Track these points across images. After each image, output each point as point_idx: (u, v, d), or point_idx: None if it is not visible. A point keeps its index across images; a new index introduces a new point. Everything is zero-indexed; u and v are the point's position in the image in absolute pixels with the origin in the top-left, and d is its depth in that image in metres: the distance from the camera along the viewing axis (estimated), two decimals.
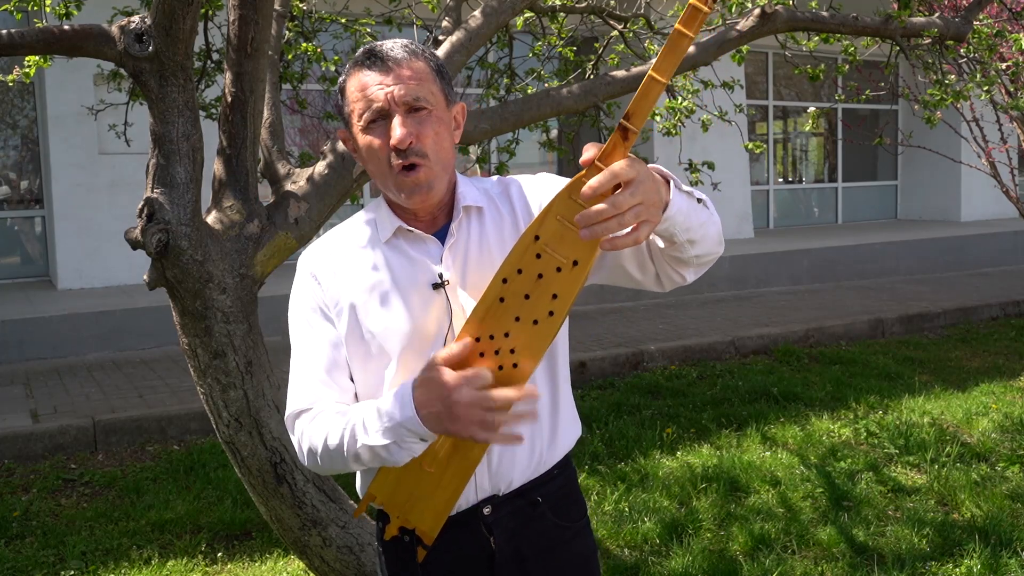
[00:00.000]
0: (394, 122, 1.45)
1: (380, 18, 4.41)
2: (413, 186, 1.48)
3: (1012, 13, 5.08)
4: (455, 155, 1.58)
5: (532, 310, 1.40)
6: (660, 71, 1.28)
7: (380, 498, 1.55)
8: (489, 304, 1.42)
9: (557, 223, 1.38)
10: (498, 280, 1.42)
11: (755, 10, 3.51)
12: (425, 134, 1.47)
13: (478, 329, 1.42)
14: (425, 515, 1.53)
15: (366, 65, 1.48)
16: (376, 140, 1.48)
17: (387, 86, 1.46)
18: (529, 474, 1.58)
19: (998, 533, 3.54)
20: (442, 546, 1.56)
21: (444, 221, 1.56)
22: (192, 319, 2.40)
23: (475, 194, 1.58)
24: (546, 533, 1.61)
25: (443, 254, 1.53)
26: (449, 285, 1.51)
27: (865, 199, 14.15)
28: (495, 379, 1.40)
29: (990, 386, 5.76)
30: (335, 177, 2.73)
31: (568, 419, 1.65)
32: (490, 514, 1.57)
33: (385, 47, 1.49)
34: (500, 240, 1.55)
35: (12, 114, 9.11)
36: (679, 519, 3.79)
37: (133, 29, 2.14)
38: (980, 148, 7.96)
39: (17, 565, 3.54)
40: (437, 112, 1.49)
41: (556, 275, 1.39)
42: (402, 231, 1.55)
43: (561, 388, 1.62)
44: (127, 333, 7.02)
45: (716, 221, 1.45)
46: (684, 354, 6.70)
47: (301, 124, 10.00)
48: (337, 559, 2.63)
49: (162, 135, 2.23)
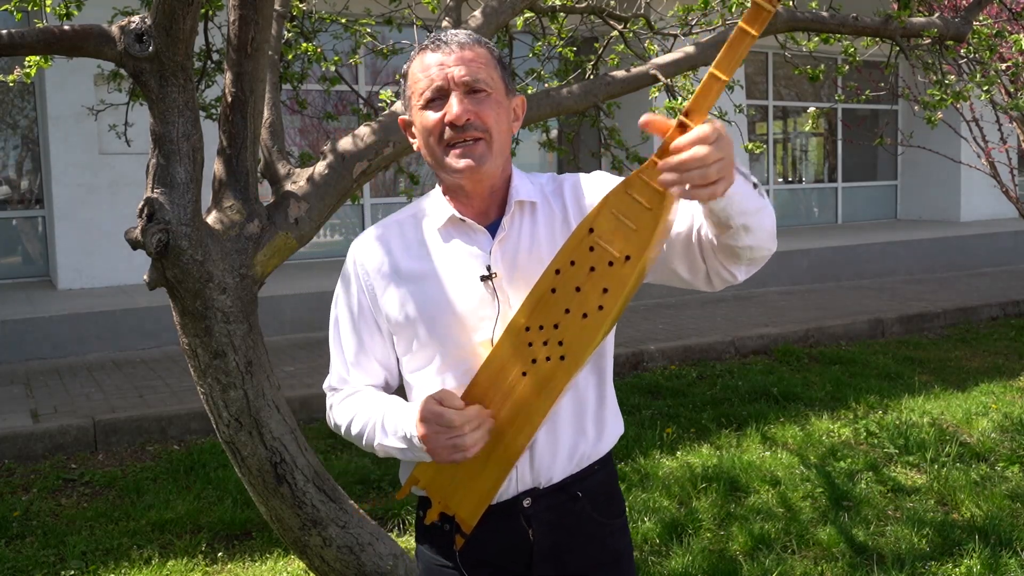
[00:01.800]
0: (451, 99, 1.47)
1: (380, 18, 4.41)
2: (467, 156, 1.48)
3: (1012, 13, 5.08)
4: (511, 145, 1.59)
5: (582, 303, 1.41)
6: (721, 69, 1.27)
7: (423, 481, 1.56)
8: (540, 294, 1.43)
9: (612, 217, 1.39)
10: (551, 271, 1.43)
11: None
12: (485, 112, 1.48)
13: (528, 319, 1.43)
14: (465, 502, 1.54)
15: (430, 48, 1.51)
16: (433, 115, 1.49)
17: (448, 66, 1.48)
18: (571, 468, 1.59)
19: (998, 533, 3.54)
20: (481, 536, 1.57)
21: (497, 215, 1.57)
22: (192, 319, 2.40)
23: (529, 189, 1.58)
24: (585, 528, 1.61)
25: (493, 247, 1.54)
26: (497, 278, 1.52)
27: (865, 199, 14.15)
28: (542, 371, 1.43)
29: (990, 386, 5.76)
30: (335, 177, 2.73)
31: (612, 415, 1.65)
32: (530, 506, 1.57)
33: (450, 33, 1.52)
34: (551, 237, 1.56)
35: (12, 114, 9.11)
36: (679, 519, 3.79)
37: (133, 29, 2.14)
38: (980, 148, 7.96)
39: (17, 565, 3.54)
40: (496, 96, 1.51)
41: (608, 269, 1.39)
42: (454, 220, 1.56)
43: (607, 384, 1.63)
44: (127, 333, 7.02)
45: (771, 213, 1.43)
46: (684, 354, 6.70)
47: (301, 124, 10.01)
48: (337, 559, 2.63)
49: (162, 135, 2.23)
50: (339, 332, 1.65)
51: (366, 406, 1.57)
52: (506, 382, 1.46)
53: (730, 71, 1.27)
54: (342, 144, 2.79)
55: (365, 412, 1.57)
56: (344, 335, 1.64)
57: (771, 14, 1.25)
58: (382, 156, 2.81)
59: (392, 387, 1.67)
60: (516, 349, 1.44)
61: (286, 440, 2.56)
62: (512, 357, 1.45)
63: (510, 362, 1.45)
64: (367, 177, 2.83)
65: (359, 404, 1.59)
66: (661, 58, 3.49)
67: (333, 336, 1.66)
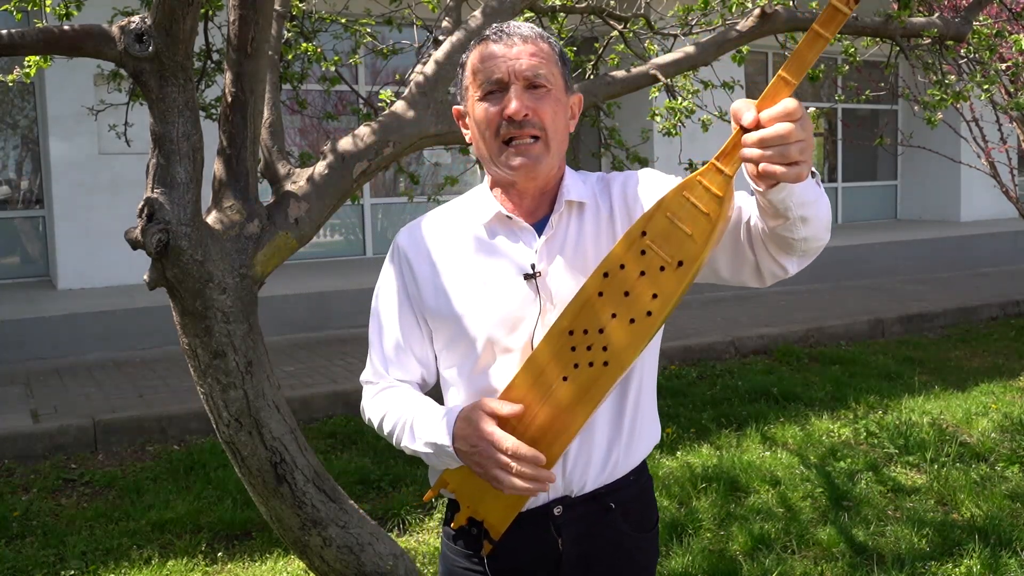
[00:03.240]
0: (511, 92, 1.44)
1: (380, 18, 4.41)
2: (523, 155, 1.45)
3: (1012, 13, 5.08)
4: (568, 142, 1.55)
5: (631, 308, 1.36)
6: (791, 72, 1.22)
7: (452, 484, 1.53)
8: (587, 297, 1.39)
9: (666, 221, 1.34)
10: (599, 273, 1.38)
11: (755, 10, 3.51)
12: (543, 110, 1.45)
13: (572, 322, 1.39)
14: (495, 508, 1.50)
15: (492, 40, 1.48)
16: (490, 108, 1.46)
17: (510, 59, 1.45)
18: (604, 478, 1.55)
19: (998, 533, 3.54)
20: (509, 543, 1.54)
21: (545, 212, 1.54)
22: (192, 319, 2.40)
23: (580, 189, 1.55)
24: (615, 540, 1.58)
25: (540, 245, 1.51)
26: (541, 277, 1.49)
27: (865, 199, 14.15)
28: (583, 376, 1.39)
29: (990, 386, 5.76)
30: (335, 177, 2.73)
31: (647, 423, 1.61)
32: (560, 515, 1.54)
33: (513, 25, 1.49)
34: (596, 237, 1.53)
35: (12, 114, 9.11)
36: (679, 519, 3.79)
37: (133, 29, 2.14)
38: (980, 148, 7.96)
39: (17, 565, 3.54)
40: (556, 93, 1.48)
41: (659, 274, 1.35)
42: (500, 217, 1.53)
43: (644, 391, 1.59)
44: (127, 333, 7.02)
45: (827, 203, 1.35)
46: (684, 354, 6.70)
47: (301, 124, 10.01)
48: (337, 559, 2.63)
49: (162, 135, 2.23)
50: (380, 324, 1.61)
51: (398, 405, 1.55)
52: (545, 386, 1.41)
53: (799, 75, 1.22)
54: (342, 144, 2.79)
55: (396, 411, 1.54)
56: (385, 328, 1.60)
57: (846, 17, 1.20)
58: (382, 156, 2.81)
59: (428, 385, 1.64)
60: (558, 353, 1.40)
61: (286, 440, 2.56)
62: (553, 361, 1.41)
63: (551, 366, 1.41)
64: (367, 177, 2.82)
65: (391, 402, 1.56)
66: (661, 58, 3.49)
67: (373, 328, 1.62)
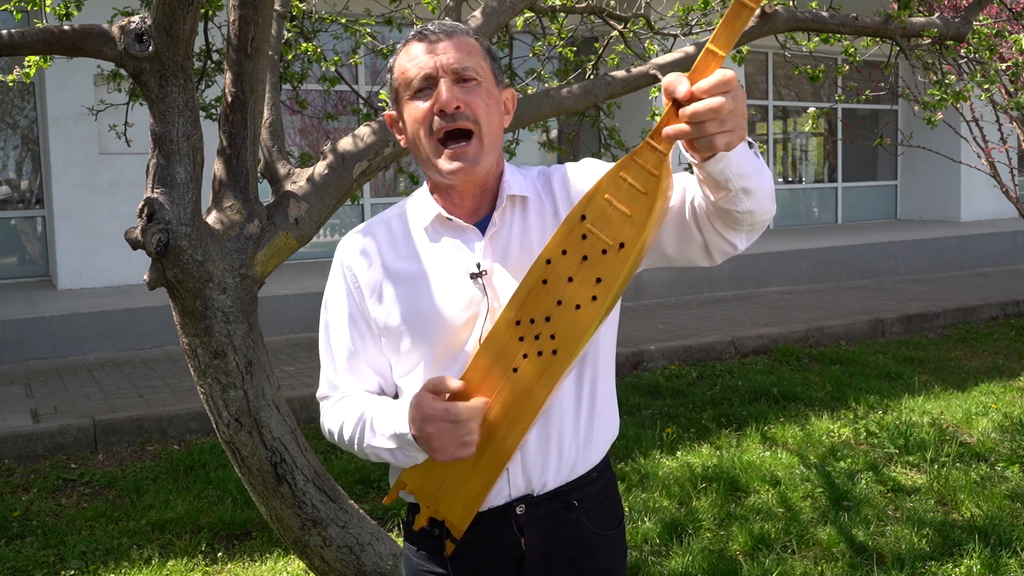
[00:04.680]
0: (441, 85, 1.42)
1: (380, 18, 4.41)
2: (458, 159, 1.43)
3: (1012, 13, 5.08)
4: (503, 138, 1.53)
5: (575, 294, 1.34)
6: (719, 44, 1.20)
7: (411, 485, 1.51)
8: (531, 286, 1.37)
9: (605, 203, 1.32)
10: (541, 261, 1.36)
11: (755, 10, 3.51)
12: (475, 103, 1.43)
13: (518, 312, 1.37)
14: (455, 505, 1.48)
15: (416, 39, 1.47)
16: (421, 105, 1.44)
17: (436, 55, 1.43)
18: (565, 476, 1.53)
19: (998, 533, 3.54)
20: (471, 543, 1.52)
21: (487, 211, 1.52)
22: (192, 319, 2.40)
23: (522, 183, 1.53)
24: (578, 539, 1.56)
25: (483, 243, 1.49)
26: (487, 276, 1.47)
27: (865, 199, 14.15)
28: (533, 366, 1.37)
29: (990, 386, 5.76)
30: (335, 177, 2.73)
31: (605, 418, 1.58)
32: (523, 514, 1.52)
33: (436, 23, 1.48)
34: (542, 232, 1.50)
35: (12, 114, 9.11)
36: (679, 519, 3.79)
37: (133, 29, 2.14)
38: (980, 148, 7.96)
39: (17, 565, 3.54)
40: (487, 86, 1.46)
41: (602, 258, 1.33)
42: (441, 219, 1.51)
43: (600, 385, 1.56)
44: (127, 333, 7.02)
45: (769, 174, 1.34)
46: (684, 354, 6.70)
47: (301, 124, 10.01)
48: (337, 559, 2.63)
49: (162, 135, 2.23)
50: (329, 337, 1.59)
51: (356, 408, 1.52)
52: (496, 379, 1.39)
53: (728, 46, 1.20)
54: (342, 144, 2.79)
55: (355, 414, 1.51)
56: (335, 340, 1.58)
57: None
58: (382, 156, 2.81)
59: (387, 395, 1.61)
60: (506, 344, 1.37)
61: (286, 440, 2.56)
62: (502, 353, 1.38)
63: (500, 358, 1.39)
64: (367, 177, 2.83)
65: (349, 407, 1.53)
66: (661, 58, 3.49)
67: (323, 342, 1.60)
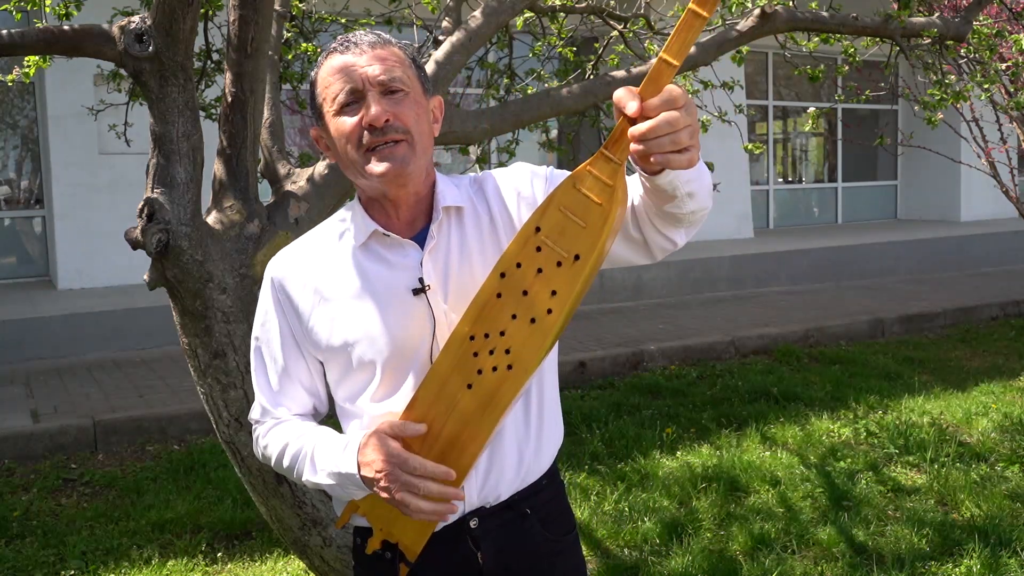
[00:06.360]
0: (368, 99, 1.38)
1: (380, 18, 4.42)
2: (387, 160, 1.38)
3: (1012, 13, 5.08)
4: (433, 147, 1.49)
5: (530, 307, 1.31)
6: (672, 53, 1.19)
7: (363, 508, 1.47)
8: (485, 300, 1.34)
9: (560, 214, 1.30)
10: (496, 274, 1.33)
11: (755, 10, 3.52)
12: (405, 113, 1.39)
13: (472, 327, 1.34)
14: (409, 528, 1.44)
15: (338, 51, 1.42)
16: (348, 120, 1.39)
17: (361, 67, 1.39)
18: (517, 484, 1.50)
19: (998, 533, 3.54)
20: (428, 562, 1.47)
21: (423, 224, 1.47)
22: (192, 319, 2.40)
23: (456, 194, 1.49)
24: (535, 548, 1.54)
25: (423, 258, 1.44)
26: (431, 290, 1.43)
27: (865, 199, 14.15)
28: (488, 382, 1.34)
29: (990, 386, 5.76)
30: (335, 177, 2.73)
31: (553, 424, 1.57)
32: (477, 527, 1.48)
33: (358, 35, 1.43)
34: (480, 242, 1.46)
35: (12, 114, 9.12)
36: (679, 519, 3.79)
37: (133, 29, 2.14)
38: (980, 148, 7.96)
39: (17, 565, 3.54)
40: (414, 96, 1.41)
41: (556, 270, 1.30)
42: (378, 235, 1.45)
43: (547, 392, 1.54)
44: (127, 333, 7.02)
45: (707, 171, 1.34)
46: (684, 354, 6.70)
47: (301, 124, 10.00)
48: (337, 559, 2.63)
49: (162, 135, 2.23)
50: (261, 360, 1.53)
51: (295, 438, 1.47)
52: (450, 398, 1.35)
53: (681, 55, 1.19)
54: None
55: (294, 444, 1.46)
56: (268, 362, 1.52)
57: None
58: None
59: (321, 415, 1.57)
60: (459, 360, 1.34)
61: None
62: (455, 369, 1.35)
63: (453, 375, 1.35)
64: None
65: (287, 435, 1.48)
66: None
67: (256, 364, 1.54)
